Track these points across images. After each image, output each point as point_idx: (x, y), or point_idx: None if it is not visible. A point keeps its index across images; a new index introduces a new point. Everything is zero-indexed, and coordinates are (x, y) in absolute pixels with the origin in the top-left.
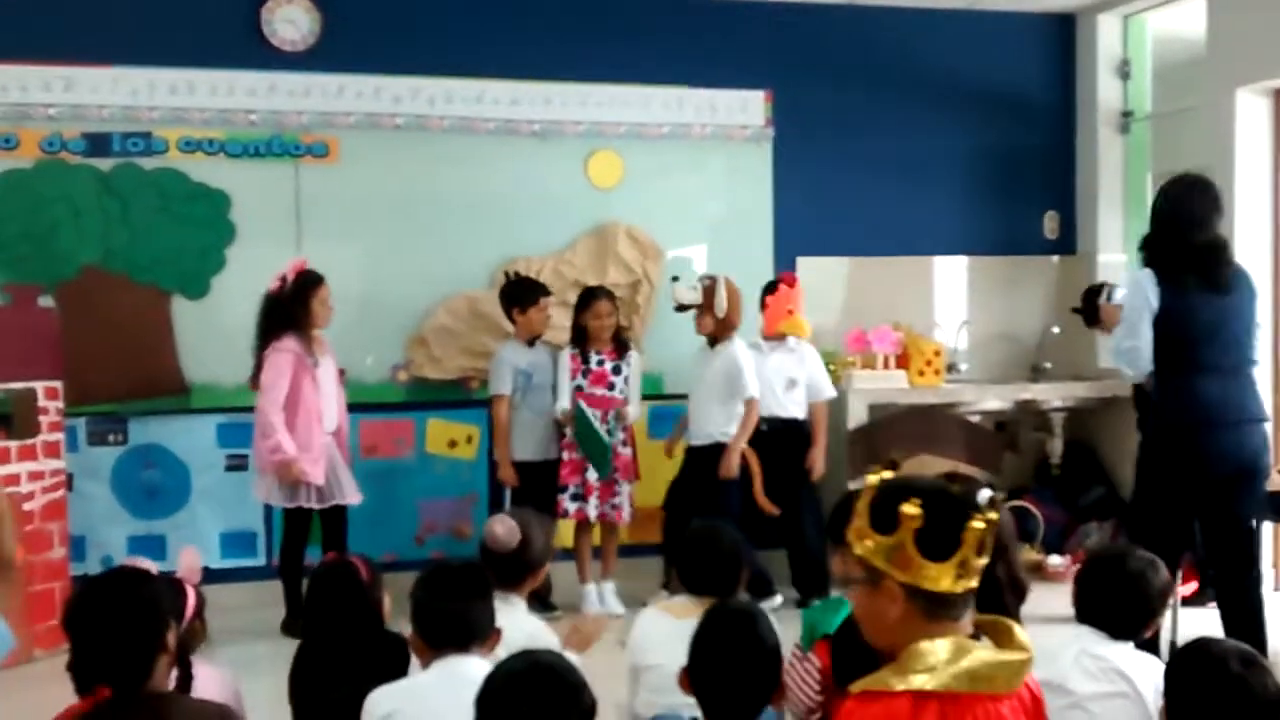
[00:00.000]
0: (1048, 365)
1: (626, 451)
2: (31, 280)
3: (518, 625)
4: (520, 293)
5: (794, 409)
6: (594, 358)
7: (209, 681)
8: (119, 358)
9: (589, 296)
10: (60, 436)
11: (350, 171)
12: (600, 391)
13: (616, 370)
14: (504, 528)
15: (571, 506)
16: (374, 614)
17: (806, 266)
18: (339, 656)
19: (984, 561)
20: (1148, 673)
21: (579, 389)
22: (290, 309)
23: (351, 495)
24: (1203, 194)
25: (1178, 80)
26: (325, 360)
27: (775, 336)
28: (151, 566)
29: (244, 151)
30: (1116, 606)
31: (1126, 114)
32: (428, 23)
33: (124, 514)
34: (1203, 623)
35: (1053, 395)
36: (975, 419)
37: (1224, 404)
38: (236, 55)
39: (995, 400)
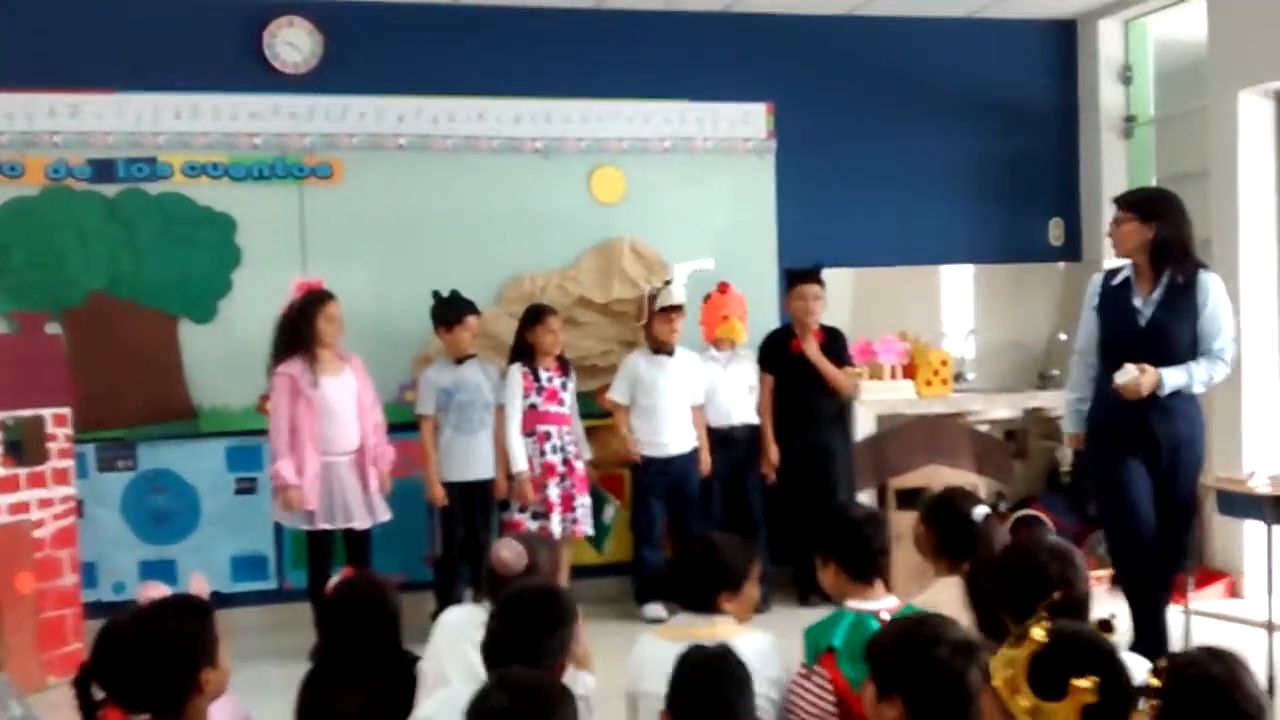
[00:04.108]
0: (1056, 372)
1: (581, 466)
2: (39, 307)
3: None
4: (443, 311)
5: (752, 415)
6: (543, 374)
7: (220, 707)
8: (127, 383)
9: (541, 312)
10: (70, 463)
11: (354, 192)
12: (554, 408)
13: (564, 386)
14: (511, 552)
15: (533, 525)
16: (395, 634)
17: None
18: (354, 674)
19: None
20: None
21: (533, 407)
22: (297, 328)
23: (359, 519)
24: None
25: (1180, 84)
26: (338, 379)
27: (725, 345)
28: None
29: (248, 174)
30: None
31: (1129, 119)
32: (429, 43)
33: (134, 539)
34: None
35: (1061, 403)
36: (984, 428)
37: None
38: (239, 79)
39: (1004, 409)
